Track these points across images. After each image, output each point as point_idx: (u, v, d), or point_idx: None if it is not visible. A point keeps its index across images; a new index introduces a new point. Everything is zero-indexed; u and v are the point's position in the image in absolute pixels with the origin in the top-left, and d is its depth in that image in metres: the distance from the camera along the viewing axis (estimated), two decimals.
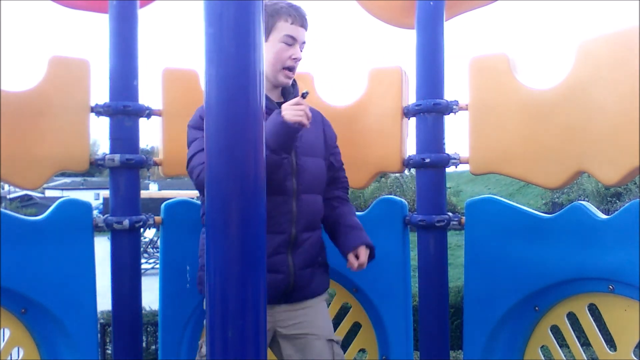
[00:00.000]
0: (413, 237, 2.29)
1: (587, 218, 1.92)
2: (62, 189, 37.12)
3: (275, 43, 1.77)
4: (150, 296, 2.94)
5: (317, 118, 1.91)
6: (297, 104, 1.64)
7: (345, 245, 1.86)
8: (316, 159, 1.86)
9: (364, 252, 1.84)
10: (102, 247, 2.37)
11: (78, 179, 42.83)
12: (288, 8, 1.77)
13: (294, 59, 1.78)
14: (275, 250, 1.76)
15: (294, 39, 1.78)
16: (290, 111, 1.64)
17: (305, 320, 1.82)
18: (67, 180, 43.26)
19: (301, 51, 1.80)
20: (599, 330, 1.97)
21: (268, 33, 1.77)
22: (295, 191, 1.77)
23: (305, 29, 1.81)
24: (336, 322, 2.16)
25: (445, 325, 2.25)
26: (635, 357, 1.88)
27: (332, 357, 1.81)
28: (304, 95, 1.66)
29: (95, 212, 2.16)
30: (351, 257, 1.84)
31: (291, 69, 1.80)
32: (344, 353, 1.95)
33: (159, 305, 2.21)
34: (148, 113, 2.18)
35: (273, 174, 1.68)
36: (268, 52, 1.76)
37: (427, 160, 2.18)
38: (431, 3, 2.20)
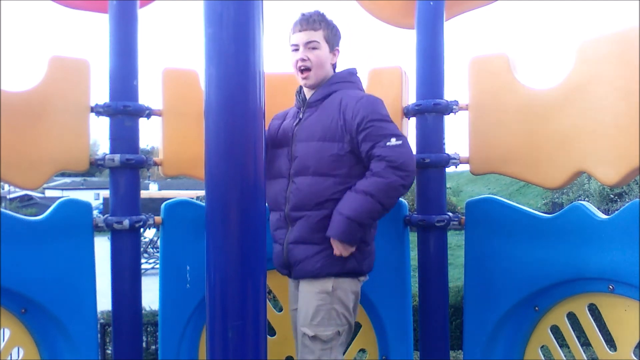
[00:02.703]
0: (413, 237, 2.29)
1: (587, 218, 1.92)
2: (62, 189, 37.10)
3: (290, 54, 2.01)
4: (150, 296, 2.94)
5: (336, 106, 1.92)
6: None
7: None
8: (314, 142, 1.92)
9: (335, 246, 1.86)
10: (102, 247, 2.37)
11: (78, 179, 42.82)
12: (295, 20, 2.00)
13: (298, 60, 1.97)
14: (278, 225, 1.99)
15: (295, 45, 1.98)
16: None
17: (298, 310, 1.97)
18: (67, 180, 43.24)
19: (313, 49, 1.96)
20: (599, 330, 1.97)
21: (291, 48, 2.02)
22: (290, 174, 1.95)
23: (308, 30, 1.96)
24: None
25: (445, 325, 2.25)
26: (635, 357, 1.88)
27: (301, 348, 1.91)
28: None
29: (95, 212, 2.16)
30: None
31: (302, 69, 1.97)
32: (344, 353, 1.95)
33: (159, 305, 2.21)
34: (148, 113, 2.18)
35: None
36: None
37: (427, 160, 2.18)
38: (431, 3, 2.20)
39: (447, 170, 2.25)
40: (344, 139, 1.88)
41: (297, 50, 1.98)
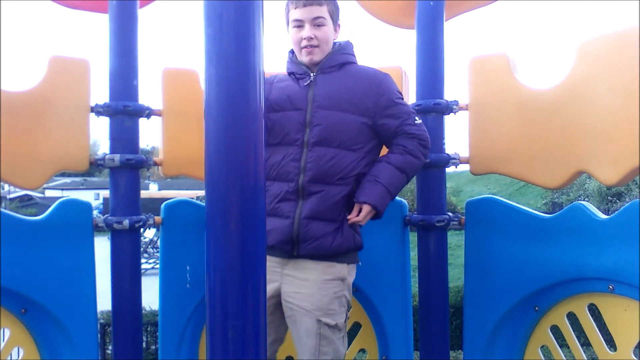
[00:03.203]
0: (413, 237, 2.29)
1: (587, 218, 1.92)
2: (62, 189, 37.09)
3: (291, 30, 1.92)
4: (150, 296, 2.94)
5: (367, 77, 1.91)
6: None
7: (355, 196, 1.85)
8: (338, 112, 1.85)
9: (363, 212, 1.83)
10: (102, 247, 2.36)
11: (78, 179, 42.81)
12: None
13: (304, 38, 1.88)
14: (283, 197, 1.84)
15: (300, 20, 1.88)
16: None
17: (303, 293, 1.83)
18: (67, 180, 43.23)
19: (319, 26, 1.88)
20: (599, 330, 1.97)
21: (287, 24, 1.94)
22: (307, 143, 1.83)
23: (314, 5, 1.86)
24: None
25: (445, 325, 2.25)
26: (635, 357, 1.88)
27: (316, 339, 1.82)
28: None
29: (95, 212, 2.16)
30: (354, 211, 1.84)
31: (308, 47, 1.88)
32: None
33: (159, 305, 2.21)
34: (148, 113, 2.18)
35: None
36: (290, 39, 1.94)
37: (427, 160, 2.18)
38: (431, 3, 2.20)
39: (447, 170, 2.25)
40: (370, 114, 1.87)
41: (300, 27, 1.88)
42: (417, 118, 1.92)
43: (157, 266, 2.27)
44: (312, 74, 1.91)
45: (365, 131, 1.88)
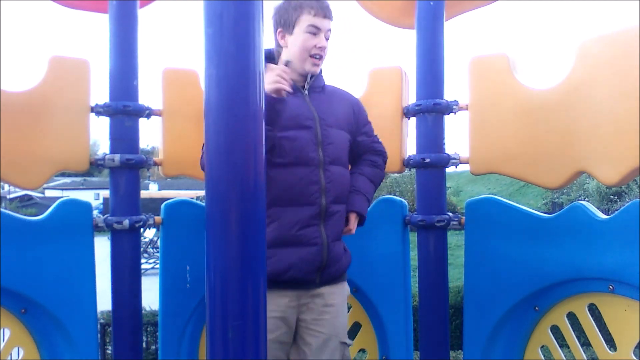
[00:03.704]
0: (413, 237, 2.29)
1: (587, 218, 1.92)
2: (62, 189, 37.09)
3: (300, 34, 1.83)
4: (150, 296, 2.94)
5: (346, 97, 2.01)
6: (280, 72, 1.65)
7: (347, 207, 1.91)
8: (341, 131, 1.90)
9: (351, 220, 1.90)
10: (102, 247, 2.37)
11: (78, 179, 42.81)
12: (311, 1, 1.84)
13: (319, 47, 1.84)
14: (308, 222, 1.75)
15: (317, 28, 1.83)
16: (267, 79, 1.62)
17: (328, 319, 1.82)
18: (67, 180, 43.23)
19: (327, 39, 1.87)
20: (599, 330, 1.97)
21: (292, 27, 1.84)
22: (322, 162, 1.79)
23: (330, 19, 1.87)
24: None
25: (445, 325, 2.25)
26: (635, 357, 1.88)
27: None
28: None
29: (95, 212, 2.16)
30: (350, 221, 1.91)
31: (318, 56, 1.86)
32: None
33: (159, 305, 2.21)
34: (148, 113, 2.18)
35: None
36: (293, 44, 1.85)
37: (427, 160, 2.19)
38: (431, 3, 2.20)
39: (447, 170, 2.25)
40: (352, 131, 1.96)
41: (315, 34, 1.83)
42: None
43: (157, 266, 2.27)
44: (305, 91, 1.89)
45: (349, 147, 1.95)
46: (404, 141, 2.34)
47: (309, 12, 1.82)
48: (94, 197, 31.86)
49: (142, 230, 2.26)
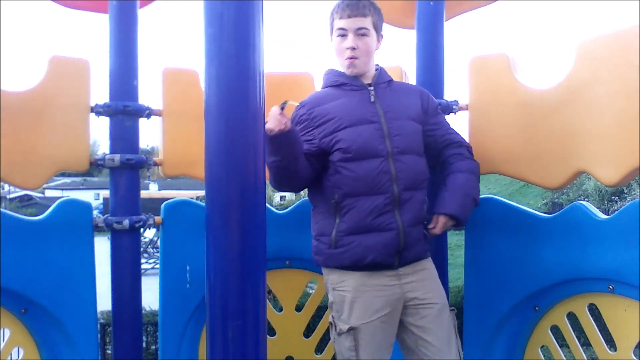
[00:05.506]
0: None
1: (587, 218, 1.92)
2: (62, 189, 37.10)
3: (334, 39, 1.92)
4: (150, 296, 2.94)
5: (412, 88, 2.05)
6: (272, 112, 1.69)
7: (435, 207, 1.92)
8: (409, 121, 1.91)
9: (440, 223, 1.89)
10: (102, 247, 2.37)
11: (78, 179, 42.81)
12: (337, 5, 1.90)
13: (347, 48, 1.87)
14: (381, 209, 1.81)
15: (344, 29, 1.87)
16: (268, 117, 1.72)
17: (432, 291, 1.89)
18: (67, 180, 43.23)
19: (362, 36, 1.87)
20: (599, 330, 1.97)
21: (331, 33, 1.94)
22: (391, 153, 1.84)
23: (358, 16, 1.86)
24: None
25: None
26: (635, 357, 1.88)
27: (454, 330, 1.91)
28: (282, 107, 1.68)
29: (95, 212, 2.16)
30: (433, 221, 1.90)
31: (350, 57, 1.88)
32: None
33: (159, 305, 2.21)
34: (148, 113, 2.18)
35: (282, 178, 1.82)
36: (333, 49, 1.94)
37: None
38: (431, 3, 2.20)
39: None
40: (422, 121, 1.96)
41: (344, 36, 1.88)
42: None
43: (157, 266, 2.27)
44: (371, 88, 1.92)
45: (422, 137, 1.95)
46: None
47: (335, 16, 1.90)
48: (94, 197, 31.85)
49: (142, 230, 2.26)
